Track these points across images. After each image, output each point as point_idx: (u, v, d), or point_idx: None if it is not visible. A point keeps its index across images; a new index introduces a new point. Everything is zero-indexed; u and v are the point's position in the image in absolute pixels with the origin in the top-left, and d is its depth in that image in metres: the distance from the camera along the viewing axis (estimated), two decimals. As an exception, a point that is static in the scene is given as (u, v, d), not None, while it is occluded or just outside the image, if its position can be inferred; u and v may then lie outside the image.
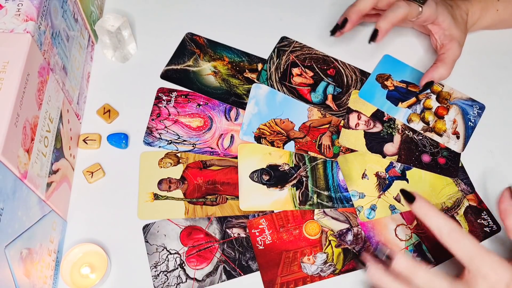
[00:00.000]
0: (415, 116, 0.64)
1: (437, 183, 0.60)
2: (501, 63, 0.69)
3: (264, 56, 0.69)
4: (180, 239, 0.56)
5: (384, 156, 0.61)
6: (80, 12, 0.63)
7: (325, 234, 0.57)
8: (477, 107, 0.65)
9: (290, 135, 0.63)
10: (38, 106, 0.49)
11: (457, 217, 0.58)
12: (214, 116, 0.64)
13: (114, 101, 0.65)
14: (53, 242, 0.53)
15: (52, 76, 0.53)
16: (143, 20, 0.73)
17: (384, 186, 0.60)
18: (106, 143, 0.62)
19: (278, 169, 0.61)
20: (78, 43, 0.63)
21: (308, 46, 0.70)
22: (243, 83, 0.67)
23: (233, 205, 0.58)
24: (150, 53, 0.70)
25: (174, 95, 0.66)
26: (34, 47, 0.48)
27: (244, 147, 0.62)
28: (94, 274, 0.53)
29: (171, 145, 0.62)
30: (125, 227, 0.57)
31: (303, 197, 0.59)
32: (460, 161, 0.61)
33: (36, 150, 0.48)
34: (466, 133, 0.63)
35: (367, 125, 0.64)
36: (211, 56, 0.69)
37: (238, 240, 0.56)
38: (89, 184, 0.59)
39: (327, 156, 0.61)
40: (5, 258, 0.41)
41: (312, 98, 0.66)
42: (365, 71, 0.68)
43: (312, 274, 0.54)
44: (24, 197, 0.45)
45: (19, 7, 0.48)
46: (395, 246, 0.56)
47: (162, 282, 0.54)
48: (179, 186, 0.59)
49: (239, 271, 0.55)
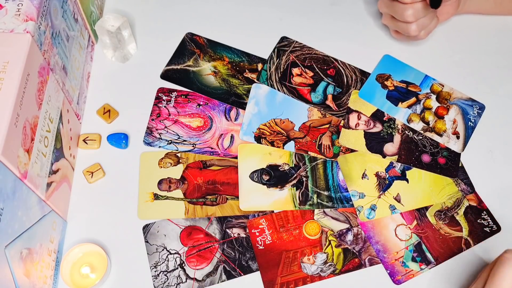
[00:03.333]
0: (415, 116, 0.64)
1: (437, 183, 0.60)
2: (501, 63, 0.69)
3: (264, 56, 0.69)
4: (180, 239, 0.56)
5: (384, 156, 0.61)
6: (80, 12, 0.63)
7: (325, 234, 0.57)
8: (477, 107, 0.65)
9: (290, 135, 0.63)
10: (38, 106, 0.49)
11: (457, 217, 0.58)
12: (214, 116, 0.64)
13: (114, 101, 0.65)
14: (53, 242, 0.53)
15: (52, 76, 0.53)
16: (143, 20, 0.73)
17: (384, 186, 0.60)
18: (106, 143, 0.62)
19: (278, 169, 0.61)
20: (78, 43, 0.63)
21: (308, 46, 0.70)
22: (243, 83, 0.67)
23: (233, 205, 0.58)
24: (150, 53, 0.70)
25: (174, 95, 0.66)
26: (34, 47, 0.48)
27: (244, 147, 0.62)
28: (94, 274, 0.53)
29: (171, 145, 0.62)
30: (125, 227, 0.57)
31: (303, 197, 0.59)
32: (460, 161, 0.61)
33: (36, 150, 0.48)
34: (466, 133, 0.63)
35: (367, 125, 0.64)
36: (211, 56, 0.69)
37: (238, 240, 0.56)
38: (89, 184, 0.59)
39: (327, 156, 0.61)
40: (5, 258, 0.41)
41: (312, 98, 0.66)
42: (365, 71, 0.68)
43: (312, 274, 0.54)
44: (24, 197, 0.45)
45: (19, 7, 0.48)
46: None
47: (162, 282, 0.54)
48: (179, 186, 0.59)
49: (239, 271, 0.55)
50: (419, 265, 0.55)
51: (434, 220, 0.58)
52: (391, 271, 0.55)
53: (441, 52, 0.71)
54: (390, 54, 0.70)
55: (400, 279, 0.54)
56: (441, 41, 0.71)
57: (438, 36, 0.71)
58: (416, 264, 0.55)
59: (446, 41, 0.71)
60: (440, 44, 0.71)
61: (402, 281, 0.54)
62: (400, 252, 0.56)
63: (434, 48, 0.71)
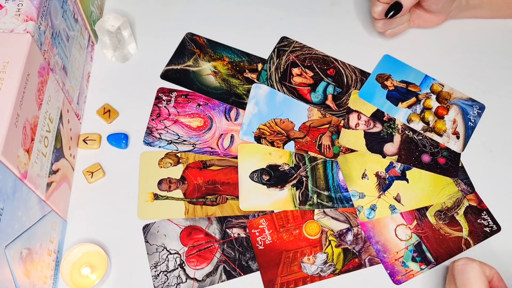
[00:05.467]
0: (415, 116, 0.64)
1: (437, 183, 0.60)
2: (501, 63, 0.69)
3: (264, 56, 0.69)
4: (180, 239, 0.56)
5: (384, 156, 0.61)
6: (80, 12, 0.63)
7: (325, 234, 0.57)
8: (477, 107, 0.65)
9: (290, 135, 0.63)
10: (38, 106, 0.49)
11: (457, 217, 0.58)
12: (214, 116, 0.64)
13: (114, 101, 0.65)
14: (53, 242, 0.53)
15: (52, 76, 0.53)
16: (143, 20, 0.73)
17: (384, 186, 0.60)
18: (106, 143, 0.62)
19: (278, 169, 0.61)
20: (78, 43, 0.63)
21: (308, 46, 0.70)
22: (243, 83, 0.67)
23: (233, 205, 0.58)
24: (150, 53, 0.70)
25: (174, 95, 0.66)
26: (34, 47, 0.48)
27: (244, 147, 0.62)
28: (94, 274, 0.53)
29: (171, 145, 0.62)
30: (125, 227, 0.57)
31: (303, 197, 0.59)
32: (460, 161, 0.61)
33: (36, 150, 0.48)
34: (466, 133, 0.63)
35: (367, 125, 0.64)
36: (211, 56, 0.69)
37: (238, 240, 0.56)
38: (89, 184, 0.59)
39: (327, 156, 0.61)
40: (5, 258, 0.41)
41: (312, 98, 0.66)
42: (365, 71, 0.68)
43: (312, 274, 0.54)
44: (24, 197, 0.45)
45: (19, 7, 0.48)
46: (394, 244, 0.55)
47: (162, 282, 0.54)
48: (179, 186, 0.59)
49: (239, 271, 0.55)
50: (419, 265, 0.55)
51: (434, 220, 0.58)
52: (391, 271, 0.55)
53: (441, 52, 0.71)
54: (390, 54, 0.70)
55: (400, 279, 0.54)
56: (441, 41, 0.71)
57: (438, 36, 0.71)
58: (416, 264, 0.55)
59: (446, 41, 0.71)
60: (440, 44, 0.71)
61: (402, 281, 0.54)
62: (400, 252, 0.56)
63: (434, 48, 0.71)
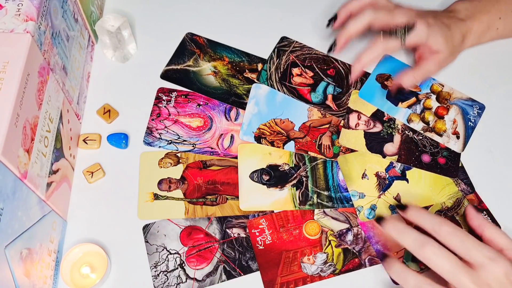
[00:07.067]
0: (415, 116, 0.64)
1: (437, 183, 0.60)
2: (501, 63, 0.69)
3: (264, 56, 0.69)
4: (180, 239, 0.56)
5: (384, 156, 0.61)
6: (80, 12, 0.63)
7: (325, 234, 0.57)
8: (477, 107, 0.65)
9: (290, 135, 0.63)
10: (38, 106, 0.49)
11: (457, 217, 0.58)
12: (214, 116, 0.64)
13: (114, 101, 0.65)
14: (53, 242, 0.53)
15: (52, 76, 0.53)
16: (143, 20, 0.73)
17: (384, 186, 0.60)
18: (106, 143, 0.62)
19: (278, 169, 0.61)
20: (78, 43, 0.63)
21: (308, 46, 0.70)
22: (243, 83, 0.67)
23: (233, 205, 0.58)
24: (150, 53, 0.70)
25: (174, 95, 0.66)
26: (34, 47, 0.48)
27: (244, 147, 0.62)
28: (94, 274, 0.53)
29: (171, 145, 0.62)
30: (125, 227, 0.57)
31: (303, 197, 0.59)
32: (460, 161, 0.61)
33: (36, 150, 0.48)
34: (466, 133, 0.63)
35: (367, 125, 0.64)
36: (211, 56, 0.69)
37: (238, 240, 0.56)
38: (89, 184, 0.59)
39: (327, 156, 0.61)
40: (5, 258, 0.41)
41: (312, 98, 0.66)
42: (365, 71, 0.68)
43: (312, 274, 0.54)
44: (24, 197, 0.45)
45: (19, 7, 0.48)
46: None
47: (162, 282, 0.54)
48: (179, 186, 0.59)
49: (239, 271, 0.55)
50: (419, 265, 0.55)
51: (434, 220, 0.58)
52: (391, 271, 0.55)
53: (441, 52, 0.70)
54: (390, 54, 0.70)
55: (400, 279, 0.54)
56: (441, 41, 0.71)
57: (438, 36, 0.71)
58: (416, 264, 0.55)
59: (446, 41, 0.71)
60: (440, 44, 0.71)
61: (402, 281, 0.54)
62: (400, 252, 0.56)
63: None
